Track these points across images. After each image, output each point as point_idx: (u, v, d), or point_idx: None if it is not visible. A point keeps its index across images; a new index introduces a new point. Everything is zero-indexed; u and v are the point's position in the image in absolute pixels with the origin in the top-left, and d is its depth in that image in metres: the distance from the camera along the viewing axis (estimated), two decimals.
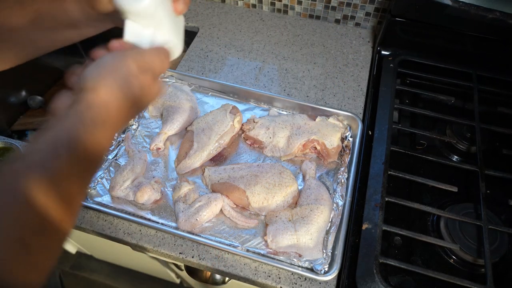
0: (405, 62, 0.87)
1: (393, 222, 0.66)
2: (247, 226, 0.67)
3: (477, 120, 0.76)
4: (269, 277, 0.63)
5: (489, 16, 0.77)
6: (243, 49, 0.98)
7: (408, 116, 0.85)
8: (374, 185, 0.68)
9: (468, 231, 0.65)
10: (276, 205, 0.68)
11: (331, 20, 1.04)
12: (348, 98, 0.87)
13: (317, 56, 0.96)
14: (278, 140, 0.76)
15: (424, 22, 0.83)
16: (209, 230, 0.67)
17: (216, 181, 0.71)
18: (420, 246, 0.66)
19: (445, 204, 0.70)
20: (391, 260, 0.60)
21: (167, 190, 0.72)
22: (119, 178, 0.70)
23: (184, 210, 0.67)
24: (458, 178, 0.74)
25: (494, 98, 0.83)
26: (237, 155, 0.78)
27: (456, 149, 0.78)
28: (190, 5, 1.08)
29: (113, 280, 1.59)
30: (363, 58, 0.95)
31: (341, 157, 0.76)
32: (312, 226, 0.64)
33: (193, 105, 0.81)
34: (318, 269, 0.62)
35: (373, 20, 1.00)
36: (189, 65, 0.94)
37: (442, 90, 0.85)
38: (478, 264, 0.63)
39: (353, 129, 0.79)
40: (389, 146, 0.72)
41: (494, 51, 0.85)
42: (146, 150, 0.77)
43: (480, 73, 0.84)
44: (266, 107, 0.84)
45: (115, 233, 0.68)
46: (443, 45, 0.87)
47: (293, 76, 0.92)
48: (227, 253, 0.65)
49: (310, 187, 0.70)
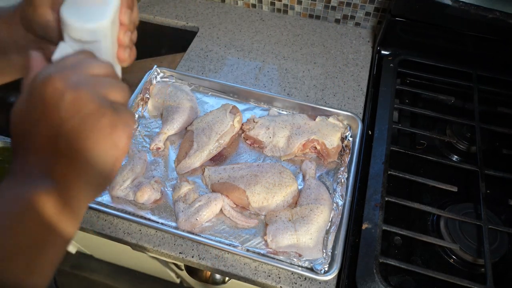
0: (405, 62, 0.87)
1: (393, 222, 0.66)
2: (247, 226, 0.67)
3: (477, 120, 0.76)
4: (269, 277, 0.63)
5: (489, 16, 0.77)
6: (243, 49, 0.98)
7: (408, 116, 0.85)
8: (374, 185, 0.68)
9: (468, 231, 0.65)
10: (276, 205, 0.68)
11: (331, 20, 1.04)
12: (348, 98, 0.87)
13: (317, 56, 0.96)
14: (278, 140, 0.76)
15: (424, 22, 0.83)
16: (209, 230, 0.67)
17: (216, 181, 0.71)
18: (420, 246, 0.66)
19: (445, 204, 0.70)
20: (391, 260, 0.60)
21: (167, 190, 0.72)
22: (119, 177, 0.70)
23: (184, 210, 0.67)
24: (458, 178, 0.74)
25: (494, 98, 0.83)
26: (237, 155, 0.78)
27: (456, 149, 0.79)
28: (190, 5, 1.09)
29: (113, 280, 1.59)
30: (363, 58, 0.95)
31: (341, 157, 0.76)
32: (312, 226, 0.64)
33: (193, 105, 0.81)
34: (318, 268, 0.62)
35: (373, 20, 1.00)
36: (189, 65, 0.94)
37: (442, 90, 0.85)
38: (478, 264, 0.63)
39: (353, 129, 0.79)
40: (389, 146, 0.72)
41: (494, 51, 0.85)
42: (146, 150, 0.77)
43: (480, 73, 0.84)
44: (266, 107, 0.84)
45: (115, 233, 0.68)
46: (443, 45, 0.87)
47: (293, 76, 0.92)
48: (227, 253, 0.65)
49: (310, 187, 0.70)
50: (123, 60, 0.41)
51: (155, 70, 0.87)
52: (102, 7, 0.37)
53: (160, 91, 0.83)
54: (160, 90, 0.84)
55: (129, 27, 0.40)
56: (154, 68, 0.86)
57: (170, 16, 1.06)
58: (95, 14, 0.36)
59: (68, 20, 0.35)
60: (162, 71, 0.87)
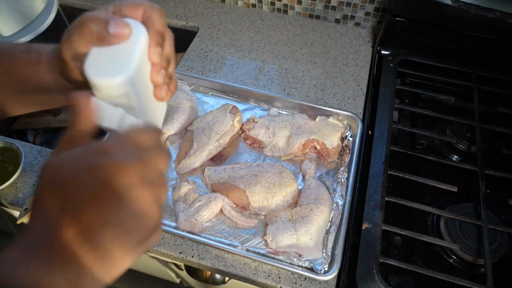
0: (405, 62, 0.87)
1: (393, 222, 0.66)
2: (247, 226, 0.67)
3: (477, 120, 0.76)
4: (269, 277, 0.63)
5: (489, 16, 0.77)
6: (243, 49, 0.98)
7: (408, 116, 0.85)
8: (374, 185, 0.68)
9: (468, 231, 0.65)
10: (276, 205, 0.68)
11: (331, 20, 1.04)
12: (348, 98, 0.87)
13: (317, 56, 0.96)
14: (278, 140, 0.76)
15: (424, 22, 0.83)
16: (209, 229, 0.67)
17: (216, 181, 0.71)
18: (420, 246, 0.66)
19: (445, 204, 0.70)
20: (391, 260, 0.60)
21: (167, 190, 0.72)
22: None
23: (184, 209, 0.67)
24: (458, 178, 0.74)
25: (494, 98, 0.83)
26: (237, 155, 0.78)
27: (456, 149, 0.78)
28: (190, 5, 1.09)
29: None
30: (363, 58, 0.95)
31: (341, 157, 0.76)
32: (312, 226, 0.64)
33: (193, 105, 0.81)
34: (318, 268, 0.62)
35: (373, 20, 1.00)
36: (189, 65, 0.94)
37: (442, 90, 0.85)
38: (478, 264, 0.63)
39: (353, 129, 0.79)
40: (389, 146, 0.72)
41: (494, 51, 0.85)
42: None
43: (480, 73, 0.84)
44: (266, 107, 0.84)
45: None
46: (443, 45, 0.87)
47: (293, 76, 0.92)
48: (227, 252, 0.65)
49: (310, 187, 0.70)
50: (161, 99, 0.39)
51: None
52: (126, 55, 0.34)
53: None
54: None
55: (161, 65, 0.38)
56: None
57: (170, 16, 1.06)
58: (118, 66, 0.34)
59: (94, 79, 0.33)
60: None
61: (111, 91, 0.34)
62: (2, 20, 0.87)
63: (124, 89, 0.34)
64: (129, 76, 0.34)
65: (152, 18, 0.36)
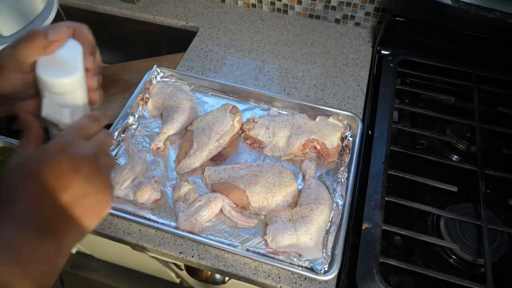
0: (405, 62, 0.87)
1: (393, 221, 0.66)
2: (247, 226, 0.67)
3: (477, 120, 0.76)
4: (269, 277, 0.63)
5: (489, 16, 0.77)
6: (243, 49, 0.98)
7: (408, 116, 0.85)
8: (374, 185, 0.68)
9: (468, 230, 0.65)
10: (276, 205, 0.68)
11: (331, 20, 1.04)
12: (348, 98, 0.87)
13: (317, 56, 0.96)
14: (278, 140, 0.76)
15: (424, 22, 0.83)
16: (209, 229, 0.67)
17: (216, 181, 0.71)
18: (420, 246, 0.66)
19: (445, 204, 0.70)
20: (391, 260, 0.60)
21: (167, 190, 0.72)
22: (119, 177, 0.70)
23: (184, 209, 0.67)
24: (458, 178, 0.74)
25: (494, 98, 0.83)
26: (237, 155, 0.78)
27: (456, 149, 0.79)
28: (190, 5, 1.09)
29: (113, 280, 1.59)
30: (363, 58, 0.95)
31: (341, 157, 0.76)
32: (312, 226, 0.64)
33: (193, 105, 0.81)
34: (318, 268, 0.62)
35: (373, 19, 1.00)
36: (189, 64, 0.94)
37: (442, 90, 0.85)
38: (478, 263, 0.63)
39: (353, 129, 0.79)
40: (389, 146, 0.72)
41: (494, 51, 0.85)
42: (146, 150, 0.77)
43: (480, 73, 0.84)
44: (266, 106, 0.84)
45: (115, 233, 0.68)
46: (443, 45, 0.87)
47: (293, 76, 0.92)
48: (227, 252, 0.65)
49: (310, 186, 0.70)
50: (95, 102, 0.46)
51: (155, 70, 0.86)
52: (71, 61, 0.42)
53: (160, 91, 0.83)
54: (160, 90, 0.84)
55: (95, 71, 0.45)
56: (154, 68, 0.86)
57: (170, 16, 1.06)
58: (68, 69, 0.42)
59: (48, 79, 0.41)
60: (162, 71, 0.87)
61: (63, 89, 0.42)
62: (2, 20, 0.87)
63: (72, 88, 0.42)
64: (80, 75, 0.43)
65: (83, 33, 0.44)
